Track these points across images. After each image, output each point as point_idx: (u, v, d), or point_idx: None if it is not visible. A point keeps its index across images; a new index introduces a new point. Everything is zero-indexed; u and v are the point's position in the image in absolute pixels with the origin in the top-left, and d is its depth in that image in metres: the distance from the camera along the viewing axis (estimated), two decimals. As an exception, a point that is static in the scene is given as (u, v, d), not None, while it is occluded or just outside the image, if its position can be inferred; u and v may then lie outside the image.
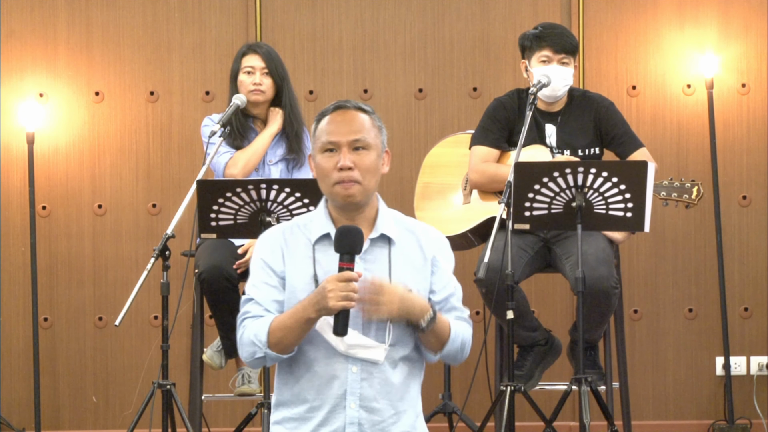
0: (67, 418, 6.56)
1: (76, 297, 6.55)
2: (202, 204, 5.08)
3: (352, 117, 3.58)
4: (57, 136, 6.55)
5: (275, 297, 3.55)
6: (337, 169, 3.52)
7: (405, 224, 3.64)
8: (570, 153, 5.47)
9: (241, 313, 3.58)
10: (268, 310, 3.54)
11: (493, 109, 5.58)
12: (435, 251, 3.63)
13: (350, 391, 3.50)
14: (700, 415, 6.59)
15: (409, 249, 3.60)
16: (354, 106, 3.60)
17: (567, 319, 6.35)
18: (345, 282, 3.40)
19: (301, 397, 3.54)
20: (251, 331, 3.52)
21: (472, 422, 5.91)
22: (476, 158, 5.50)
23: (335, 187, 3.53)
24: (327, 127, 3.56)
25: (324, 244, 3.55)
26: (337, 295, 3.39)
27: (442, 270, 3.65)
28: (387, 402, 3.53)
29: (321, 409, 3.52)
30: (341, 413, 3.51)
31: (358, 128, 3.56)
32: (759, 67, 6.58)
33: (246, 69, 5.60)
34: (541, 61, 5.46)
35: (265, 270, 3.56)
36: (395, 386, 3.54)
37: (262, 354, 3.52)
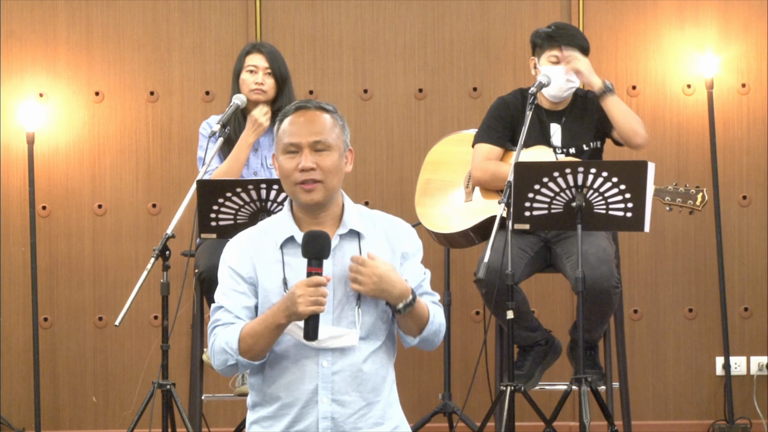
0: (67, 418, 6.56)
1: (76, 297, 6.55)
2: (202, 204, 5.08)
3: (313, 117, 3.58)
4: (57, 136, 6.55)
5: (245, 303, 3.57)
6: (299, 170, 3.53)
7: (371, 218, 3.66)
8: (575, 151, 5.47)
9: (212, 322, 3.59)
10: (238, 317, 3.56)
11: (497, 108, 5.58)
12: (403, 242, 3.65)
13: (322, 386, 3.53)
14: (700, 415, 6.59)
15: (378, 242, 3.62)
16: (315, 106, 3.61)
17: (567, 319, 6.35)
18: (314, 287, 3.42)
19: (273, 395, 3.56)
20: (222, 339, 3.54)
21: (472, 422, 5.91)
22: (479, 156, 5.50)
23: (297, 188, 3.55)
24: (288, 128, 3.58)
25: (291, 247, 3.57)
26: (306, 300, 3.41)
27: (412, 259, 3.67)
28: (358, 394, 3.55)
29: (293, 405, 3.54)
30: (313, 408, 3.53)
31: (319, 129, 3.57)
32: (759, 67, 6.58)
33: (249, 68, 5.60)
34: (550, 60, 5.46)
35: (233, 277, 3.58)
36: (366, 378, 3.56)
37: (234, 361, 3.53)
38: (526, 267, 5.36)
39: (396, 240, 3.65)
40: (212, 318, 3.59)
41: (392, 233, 3.65)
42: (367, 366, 3.56)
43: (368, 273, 3.47)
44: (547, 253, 5.46)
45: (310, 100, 3.64)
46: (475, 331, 6.55)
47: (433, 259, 6.49)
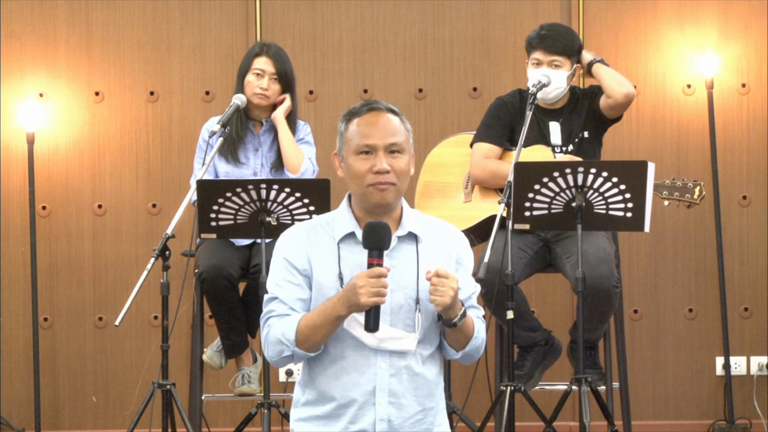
0: (67, 418, 6.56)
1: (76, 297, 6.55)
2: (202, 204, 5.08)
3: (387, 120, 3.57)
4: (57, 136, 6.55)
5: (299, 295, 3.55)
6: (374, 172, 3.52)
7: (428, 222, 3.67)
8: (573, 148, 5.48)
9: (265, 312, 3.58)
10: (293, 308, 3.55)
11: (496, 108, 5.59)
12: (459, 249, 3.66)
13: (379, 387, 3.52)
14: (700, 415, 6.59)
15: (435, 246, 3.62)
16: (386, 108, 3.59)
17: (567, 319, 6.35)
18: (375, 278, 3.41)
19: (328, 395, 3.54)
20: (278, 330, 3.53)
21: (472, 422, 5.91)
22: (478, 154, 5.51)
23: (370, 189, 3.53)
24: (361, 129, 3.56)
25: (348, 243, 3.56)
26: (368, 291, 3.40)
27: (465, 267, 3.68)
28: (414, 398, 3.55)
29: (350, 406, 3.53)
30: (371, 410, 3.52)
31: (394, 131, 3.56)
32: (759, 67, 6.58)
33: (255, 71, 5.59)
34: (532, 63, 5.48)
35: (289, 269, 3.57)
36: (423, 383, 3.56)
37: (289, 353, 3.52)
38: (526, 267, 5.37)
39: (452, 246, 3.64)
40: (266, 309, 3.58)
41: (448, 239, 3.65)
42: (423, 370, 3.55)
43: (449, 286, 3.45)
44: (547, 253, 5.46)
45: (379, 102, 3.62)
46: (475, 331, 6.55)
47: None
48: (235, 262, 5.39)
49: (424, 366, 3.56)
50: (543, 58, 5.46)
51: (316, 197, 5.06)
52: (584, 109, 5.55)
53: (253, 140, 5.64)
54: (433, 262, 3.57)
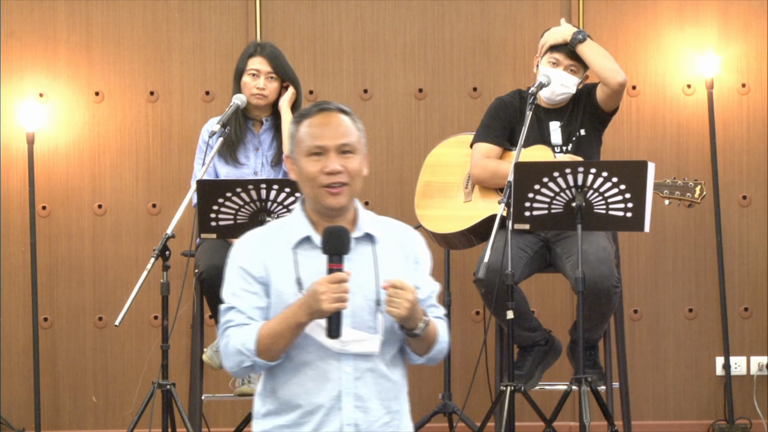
0: (67, 418, 6.56)
1: (76, 297, 6.55)
2: (202, 204, 5.08)
3: (338, 120, 3.52)
4: (57, 136, 6.55)
5: (257, 304, 3.49)
6: (325, 173, 3.47)
7: (383, 223, 3.62)
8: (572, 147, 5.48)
9: (223, 323, 3.51)
10: (251, 317, 3.48)
11: (495, 108, 5.59)
12: (415, 248, 3.62)
13: (345, 392, 3.46)
14: (700, 415, 6.59)
15: (391, 247, 3.58)
16: (336, 108, 3.54)
17: (567, 319, 6.35)
18: (337, 283, 3.36)
19: (292, 403, 3.48)
20: (237, 340, 3.46)
21: (472, 422, 5.91)
22: (478, 154, 5.51)
23: (322, 191, 3.48)
24: (312, 131, 3.51)
25: (304, 247, 3.50)
26: (330, 297, 3.35)
27: (423, 267, 3.64)
28: (380, 402, 3.50)
29: (316, 413, 3.47)
30: (337, 415, 3.47)
31: (345, 132, 3.51)
32: (759, 67, 6.58)
33: (251, 71, 5.60)
34: (550, 62, 5.47)
35: (244, 277, 3.51)
36: (389, 385, 3.52)
37: (250, 363, 3.45)
38: (526, 267, 5.36)
39: (409, 246, 3.61)
40: (223, 319, 3.52)
41: (405, 239, 3.62)
42: (389, 372, 3.52)
43: (404, 298, 3.41)
44: (546, 253, 5.46)
45: (330, 102, 3.58)
46: (475, 331, 6.55)
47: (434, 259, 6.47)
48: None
49: (389, 368, 3.52)
50: (562, 60, 5.46)
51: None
52: (581, 107, 5.55)
53: (253, 139, 5.65)
54: (390, 262, 3.54)
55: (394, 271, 3.53)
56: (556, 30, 5.53)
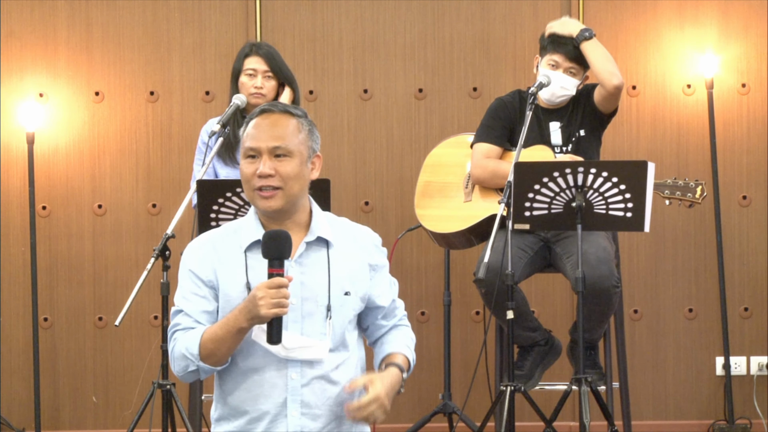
0: (67, 418, 6.56)
1: (76, 297, 6.55)
2: (202, 204, 5.08)
3: (276, 122, 3.48)
4: (57, 136, 6.55)
5: (205, 308, 3.47)
6: (257, 175, 3.44)
7: (340, 226, 3.58)
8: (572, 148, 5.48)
9: (171, 326, 3.50)
10: (198, 321, 3.46)
11: (495, 108, 5.59)
12: (372, 252, 3.59)
13: (291, 399, 3.44)
14: (700, 415, 6.59)
15: (347, 251, 3.54)
16: (281, 110, 3.50)
17: (567, 319, 6.35)
18: (276, 288, 3.32)
19: (240, 409, 3.47)
20: (182, 344, 3.44)
21: (472, 422, 5.91)
22: (478, 154, 5.51)
23: (255, 194, 3.46)
24: (250, 132, 3.48)
25: (255, 251, 3.46)
26: (268, 303, 3.31)
27: (381, 271, 3.61)
28: (328, 408, 3.47)
29: (262, 419, 3.45)
30: (282, 422, 3.45)
31: (280, 134, 3.46)
32: (759, 67, 6.58)
33: (248, 71, 5.60)
34: (549, 64, 5.47)
35: (193, 280, 3.49)
36: (337, 391, 3.49)
37: (195, 367, 3.44)
38: (526, 267, 5.36)
39: (365, 249, 3.57)
40: (172, 322, 3.50)
41: (361, 242, 3.57)
42: (338, 378, 3.48)
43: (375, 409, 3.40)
44: (546, 253, 5.46)
45: (278, 103, 3.54)
46: (475, 331, 6.55)
47: (433, 259, 6.50)
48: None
49: (338, 373, 3.49)
50: (562, 62, 5.46)
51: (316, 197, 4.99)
52: (580, 108, 5.55)
53: (253, 140, 5.65)
54: (345, 267, 3.50)
55: (346, 277, 3.50)
56: (564, 21, 5.52)
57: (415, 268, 6.57)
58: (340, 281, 3.49)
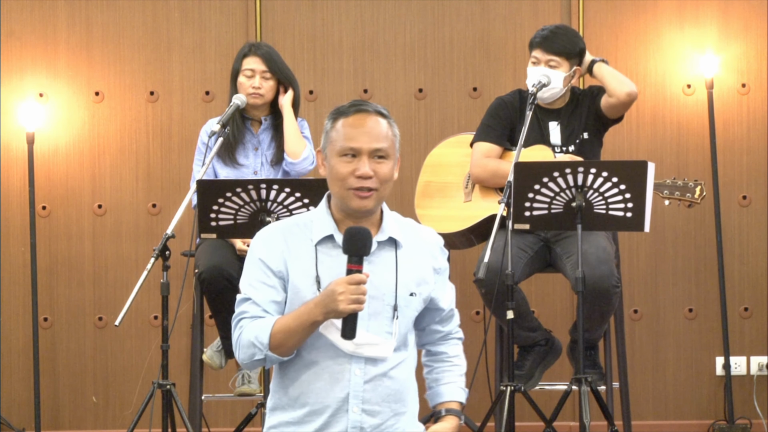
0: (67, 418, 6.56)
1: (76, 297, 6.55)
2: (202, 204, 5.08)
3: (374, 123, 3.49)
4: (57, 136, 6.55)
5: (274, 298, 3.49)
6: (356, 176, 3.45)
7: (408, 227, 3.61)
8: (574, 148, 5.48)
9: (238, 314, 3.51)
10: (266, 311, 3.48)
11: (495, 108, 5.59)
12: (438, 256, 3.64)
13: (353, 395, 3.47)
14: (700, 415, 6.59)
15: (415, 252, 3.57)
16: (374, 110, 3.51)
17: (567, 319, 6.35)
18: (355, 285, 3.35)
19: (300, 400, 3.49)
20: (251, 333, 3.45)
21: (472, 422, 5.91)
22: (478, 153, 5.51)
23: (350, 193, 3.46)
24: (347, 131, 3.48)
25: (326, 246, 3.49)
26: (348, 298, 3.33)
27: (444, 275, 3.67)
28: (387, 405, 3.52)
29: (322, 413, 3.47)
30: (343, 417, 3.47)
31: (379, 136, 3.48)
32: (759, 67, 6.58)
33: (246, 72, 5.60)
34: (531, 62, 5.49)
35: (263, 270, 3.49)
36: (396, 388, 3.53)
37: (262, 356, 3.45)
38: (526, 267, 5.36)
39: (431, 252, 3.62)
40: (238, 309, 3.51)
41: (428, 246, 3.61)
42: (397, 376, 3.53)
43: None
44: (546, 253, 5.46)
45: (368, 103, 3.54)
46: (475, 331, 6.55)
47: (433, 259, 6.49)
48: (235, 262, 5.38)
49: (398, 372, 3.53)
50: (541, 56, 5.47)
51: (316, 197, 5.05)
52: (584, 109, 5.55)
53: (252, 139, 5.65)
54: (412, 268, 3.54)
55: (413, 278, 3.54)
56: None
57: (415, 268, 6.56)
58: (406, 282, 3.53)
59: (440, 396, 3.73)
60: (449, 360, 3.75)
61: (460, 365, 3.76)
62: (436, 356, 3.75)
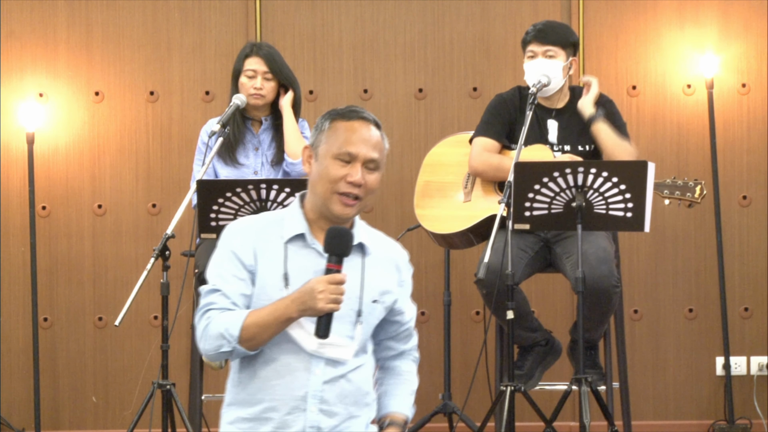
0: (67, 418, 6.56)
1: (76, 297, 6.55)
2: (202, 204, 5.08)
3: (373, 133, 3.52)
4: (57, 136, 6.55)
5: (243, 291, 3.47)
6: (347, 181, 3.46)
7: (375, 236, 3.62)
8: (571, 149, 5.48)
9: (205, 304, 3.49)
10: (235, 303, 3.46)
11: (495, 104, 5.59)
12: (402, 268, 3.64)
13: (312, 394, 3.46)
14: (700, 415, 6.59)
15: (381, 260, 3.58)
16: (372, 120, 3.54)
17: (567, 319, 6.35)
18: (335, 284, 3.36)
19: (257, 396, 3.47)
20: (220, 324, 3.43)
21: (472, 422, 5.91)
22: (479, 148, 5.50)
23: (335, 198, 3.47)
24: (348, 135, 3.49)
25: (296, 244, 3.49)
26: (327, 297, 3.35)
27: (407, 289, 3.66)
28: (344, 406, 3.50)
29: (278, 410, 3.46)
30: (300, 416, 3.46)
31: (376, 146, 3.51)
32: (759, 67, 6.58)
33: (247, 72, 5.60)
34: (528, 56, 5.49)
35: (235, 262, 3.49)
36: (354, 391, 3.52)
37: (230, 348, 3.43)
38: (527, 267, 5.36)
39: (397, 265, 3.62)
40: (205, 300, 3.49)
41: (395, 258, 3.63)
42: (355, 380, 3.52)
43: None
44: (547, 253, 5.46)
45: (365, 111, 3.56)
46: (475, 331, 6.55)
47: (433, 259, 6.50)
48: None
49: (356, 375, 3.52)
50: (537, 49, 5.47)
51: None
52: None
53: (253, 139, 5.65)
54: (377, 276, 3.54)
55: (378, 285, 3.55)
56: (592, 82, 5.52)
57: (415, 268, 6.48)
58: (371, 289, 3.53)
59: (386, 407, 3.69)
60: (401, 375, 3.73)
61: (411, 382, 3.75)
62: (388, 370, 3.73)
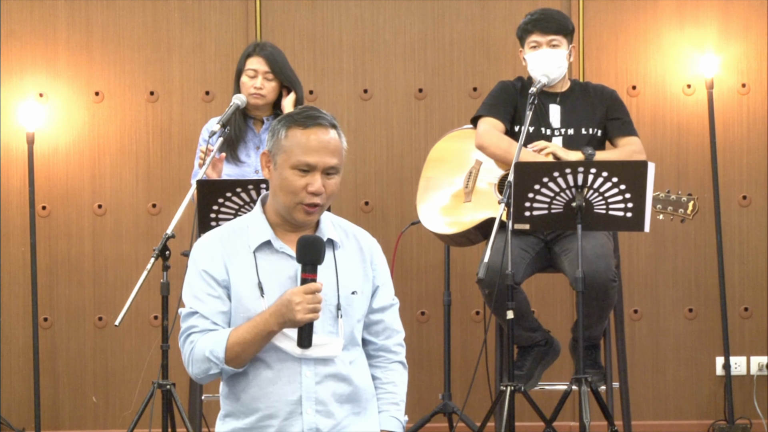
0: (67, 418, 6.56)
1: (76, 297, 6.55)
2: (202, 204, 5.08)
3: (330, 138, 3.47)
4: (57, 136, 6.55)
5: (220, 308, 3.46)
6: (308, 191, 3.44)
7: (343, 227, 3.61)
8: (573, 132, 5.47)
9: (186, 328, 3.47)
10: (215, 323, 3.46)
11: (500, 89, 5.57)
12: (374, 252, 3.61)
13: (306, 397, 3.45)
14: (700, 415, 6.59)
15: (351, 251, 3.57)
16: (329, 123, 3.49)
17: (567, 319, 6.35)
18: (311, 294, 3.35)
19: (252, 406, 3.46)
20: (204, 347, 3.43)
21: (472, 422, 5.91)
22: (487, 125, 5.45)
23: (299, 207, 3.45)
24: (305, 144, 3.45)
25: (264, 251, 3.48)
26: (305, 308, 3.34)
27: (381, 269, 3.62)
28: (340, 405, 3.49)
29: (275, 417, 3.45)
30: (298, 419, 3.45)
31: (334, 152, 3.47)
32: (759, 67, 6.58)
33: (249, 72, 5.60)
34: (531, 46, 5.48)
35: (207, 281, 3.47)
36: (349, 387, 3.51)
37: (218, 370, 3.43)
38: (528, 267, 5.36)
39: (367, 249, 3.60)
40: (186, 324, 3.47)
41: (365, 247, 3.60)
42: (350, 376, 3.50)
43: None
44: (547, 254, 5.46)
45: (321, 111, 3.51)
46: (475, 331, 6.55)
47: (433, 259, 6.50)
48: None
49: (350, 371, 3.50)
50: (541, 39, 5.46)
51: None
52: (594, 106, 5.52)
53: (254, 138, 5.66)
54: (350, 267, 3.53)
55: (352, 277, 3.53)
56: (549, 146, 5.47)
57: (415, 267, 6.57)
58: (347, 281, 3.52)
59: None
60: (381, 387, 3.64)
61: (394, 393, 3.64)
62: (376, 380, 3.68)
